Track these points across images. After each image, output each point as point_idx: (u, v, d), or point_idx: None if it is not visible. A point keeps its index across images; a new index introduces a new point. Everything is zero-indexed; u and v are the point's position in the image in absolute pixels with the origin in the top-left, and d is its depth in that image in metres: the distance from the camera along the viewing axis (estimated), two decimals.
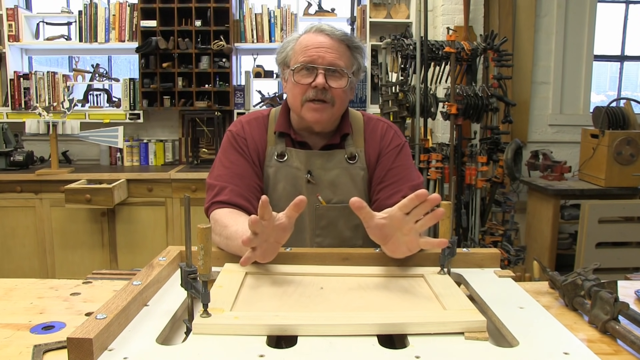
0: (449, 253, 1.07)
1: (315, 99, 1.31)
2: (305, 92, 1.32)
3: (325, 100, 1.32)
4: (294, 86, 1.33)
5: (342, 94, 1.34)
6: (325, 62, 1.30)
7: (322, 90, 1.30)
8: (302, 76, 1.32)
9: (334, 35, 1.33)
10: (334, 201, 1.37)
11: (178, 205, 3.50)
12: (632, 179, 3.29)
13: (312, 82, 1.30)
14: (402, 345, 0.80)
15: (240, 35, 3.93)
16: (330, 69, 1.31)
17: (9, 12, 3.78)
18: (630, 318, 0.90)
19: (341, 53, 1.33)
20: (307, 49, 1.31)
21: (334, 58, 1.31)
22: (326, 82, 1.30)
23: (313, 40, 1.32)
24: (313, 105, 1.32)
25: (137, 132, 4.08)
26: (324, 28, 1.34)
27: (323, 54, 1.31)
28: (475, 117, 3.11)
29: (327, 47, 1.31)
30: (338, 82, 1.32)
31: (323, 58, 1.30)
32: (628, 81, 4.48)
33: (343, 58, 1.33)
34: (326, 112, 1.33)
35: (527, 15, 3.92)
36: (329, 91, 1.31)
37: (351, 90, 1.39)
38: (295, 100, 1.34)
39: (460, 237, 3.13)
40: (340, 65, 1.32)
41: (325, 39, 1.32)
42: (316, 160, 1.38)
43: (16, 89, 3.87)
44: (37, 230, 3.49)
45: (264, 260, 1.05)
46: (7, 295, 1.07)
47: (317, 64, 1.30)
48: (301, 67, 1.31)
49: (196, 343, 0.78)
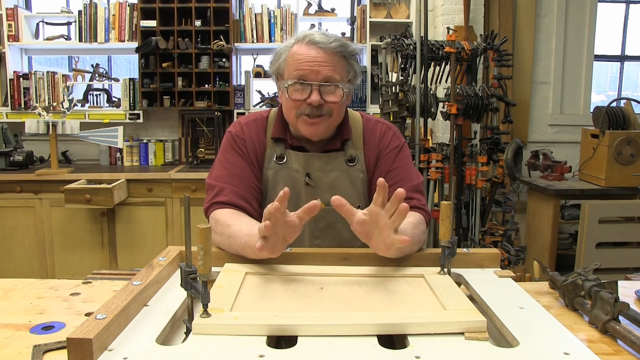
0: (449, 253, 1.07)
1: (310, 114, 1.29)
2: (299, 107, 1.29)
3: (322, 114, 1.29)
4: (289, 101, 1.31)
5: (339, 105, 1.31)
6: (319, 78, 1.27)
7: (317, 107, 1.28)
8: (296, 91, 1.28)
9: (328, 48, 1.27)
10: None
11: (178, 205, 3.50)
12: (632, 179, 3.29)
13: (306, 99, 1.27)
14: (402, 345, 0.80)
15: (240, 35, 3.92)
16: (325, 84, 1.27)
17: (8, 12, 3.78)
18: (630, 318, 0.90)
19: (335, 65, 1.28)
20: (300, 64, 1.27)
21: (328, 72, 1.27)
22: (321, 98, 1.27)
23: (306, 54, 1.27)
24: (309, 120, 1.29)
25: (137, 132, 4.08)
26: (317, 40, 1.28)
27: (317, 68, 1.26)
28: (476, 117, 3.11)
29: (320, 61, 1.26)
30: (333, 96, 1.29)
31: (317, 73, 1.26)
32: (628, 81, 4.48)
33: (338, 70, 1.28)
34: (322, 124, 1.31)
35: (527, 15, 3.92)
36: (325, 105, 1.29)
37: (347, 96, 1.36)
38: (290, 114, 1.32)
39: (460, 237, 3.13)
40: (336, 79, 1.28)
41: (318, 52, 1.27)
42: (315, 162, 1.37)
43: (16, 89, 3.87)
44: (37, 230, 3.49)
45: (271, 254, 1.04)
46: (7, 295, 1.07)
47: (311, 80, 1.27)
48: (295, 82, 1.28)
49: (196, 343, 0.78)
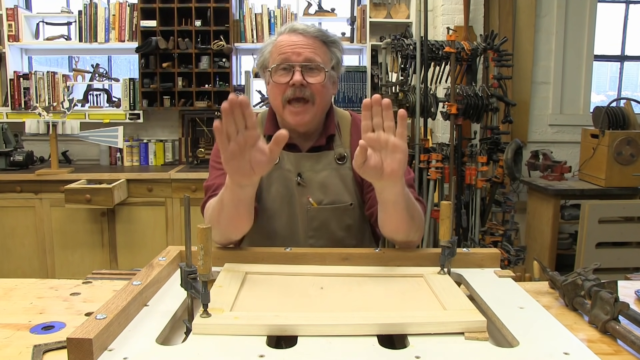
0: (449, 253, 1.07)
1: (294, 97, 1.30)
2: (284, 92, 1.31)
3: (305, 98, 1.31)
4: (273, 87, 1.33)
5: (322, 89, 1.33)
6: (300, 59, 1.30)
7: (300, 87, 1.29)
8: (279, 76, 1.32)
9: (308, 33, 1.33)
10: (324, 202, 1.37)
11: (178, 205, 3.50)
12: (632, 179, 3.29)
13: (289, 81, 1.30)
14: (402, 345, 0.80)
15: (240, 35, 3.93)
16: (307, 65, 1.31)
17: (8, 12, 3.78)
18: (630, 318, 0.90)
19: (317, 48, 1.33)
20: (282, 48, 1.32)
21: (309, 54, 1.31)
22: (304, 79, 1.29)
23: (287, 39, 1.33)
24: (294, 108, 1.31)
25: (137, 132, 4.08)
26: (297, 27, 1.35)
27: (298, 50, 1.31)
28: (475, 117, 3.11)
29: (301, 44, 1.31)
30: (316, 77, 1.31)
31: (298, 54, 1.30)
32: (628, 81, 4.48)
33: (319, 53, 1.33)
34: (308, 112, 1.32)
35: (527, 15, 3.92)
36: (308, 87, 1.31)
37: (333, 85, 1.39)
38: (276, 100, 1.34)
39: (460, 237, 3.13)
40: (317, 60, 1.31)
41: (299, 37, 1.32)
42: (306, 162, 1.38)
43: (16, 89, 3.87)
44: (37, 230, 3.49)
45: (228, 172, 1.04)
46: (7, 295, 1.07)
47: (292, 62, 1.30)
48: (278, 66, 1.31)
49: (196, 343, 0.78)
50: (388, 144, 1.01)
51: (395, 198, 1.10)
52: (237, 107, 0.96)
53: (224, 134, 0.98)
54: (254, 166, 1.02)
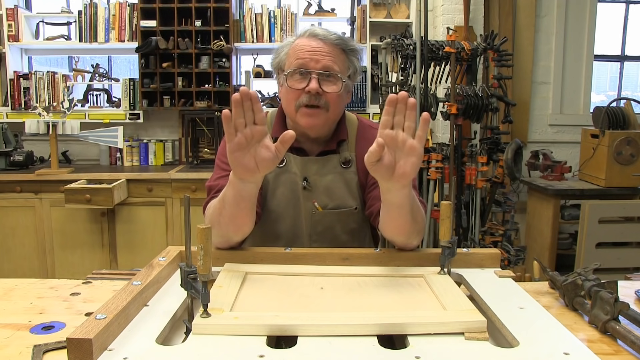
0: (449, 253, 1.07)
1: (308, 104, 1.28)
2: (298, 97, 1.29)
3: (319, 106, 1.29)
4: (288, 91, 1.31)
5: (337, 98, 1.31)
6: (318, 67, 1.28)
7: (315, 95, 1.28)
8: (295, 81, 1.30)
9: (328, 39, 1.30)
10: (329, 206, 1.36)
11: (178, 205, 3.50)
12: (632, 179, 3.29)
13: (305, 87, 1.28)
14: (402, 346, 0.80)
15: (240, 35, 3.92)
16: (324, 73, 1.28)
17: (8, 12, 3.78)
18: (630, 318, 0.90)
19: (335, 57, 1.30)
20: (301, 53, 1.29)
21: (327, 62, 1.28)
22: (320, 87, 1.27)
23: (306, 44, 1.30)
24: (307, 110, 1.29)
25: (137, 132, 4.08)
26: (318, 32, 1.31)
27: (317, 57, 1.28)
28: (475, 117, 3.11)
29: (320, 51, 1.28)
30: (332, 87, 1.29)
31: (317, 62, 1.28)
32: (628, 81, 4.48)
33: (337, 62, 1.30)
34: (320, 117, 1.30)
35: (527, 15, 3.92)
36: (323, 96, 1.29)
37: (347, 93, 1.36)
38: (289, 105, 1.32)
39: (460, 237, 3.13)
40: (335, 70, 1.29)
41: (318, 43, 1.29)
42: (312, 166, 1.37)
43: (16, 89, 3.87)
44: (37, 230, 3.49)
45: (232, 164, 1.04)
46: (7, 295, 1.07)
47: (310, 69, 1.28)
48: (294, 71, 1.29)
49: (196, 343, 0.78)
50: (405, 146, 0.99)
51: (401, 201, 1.08)
52: (247, 99, 0.97)
53: (232, 123, 0.99)
54: (259, 163, 1.02)
